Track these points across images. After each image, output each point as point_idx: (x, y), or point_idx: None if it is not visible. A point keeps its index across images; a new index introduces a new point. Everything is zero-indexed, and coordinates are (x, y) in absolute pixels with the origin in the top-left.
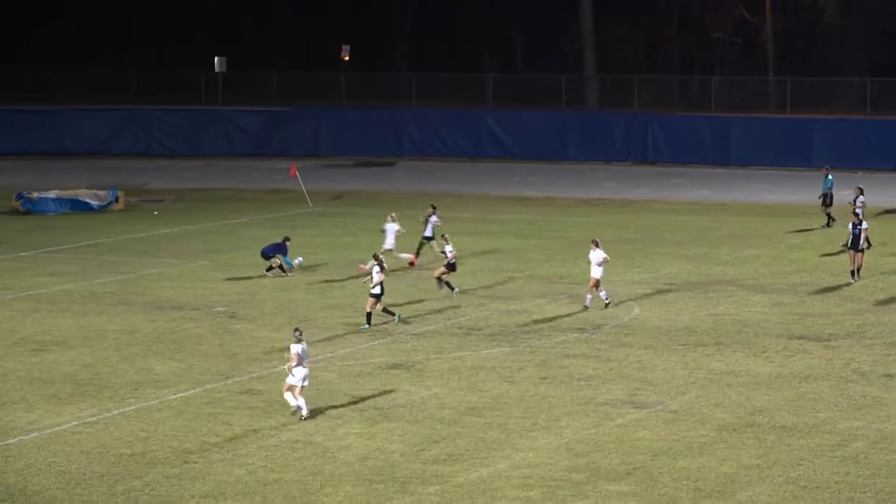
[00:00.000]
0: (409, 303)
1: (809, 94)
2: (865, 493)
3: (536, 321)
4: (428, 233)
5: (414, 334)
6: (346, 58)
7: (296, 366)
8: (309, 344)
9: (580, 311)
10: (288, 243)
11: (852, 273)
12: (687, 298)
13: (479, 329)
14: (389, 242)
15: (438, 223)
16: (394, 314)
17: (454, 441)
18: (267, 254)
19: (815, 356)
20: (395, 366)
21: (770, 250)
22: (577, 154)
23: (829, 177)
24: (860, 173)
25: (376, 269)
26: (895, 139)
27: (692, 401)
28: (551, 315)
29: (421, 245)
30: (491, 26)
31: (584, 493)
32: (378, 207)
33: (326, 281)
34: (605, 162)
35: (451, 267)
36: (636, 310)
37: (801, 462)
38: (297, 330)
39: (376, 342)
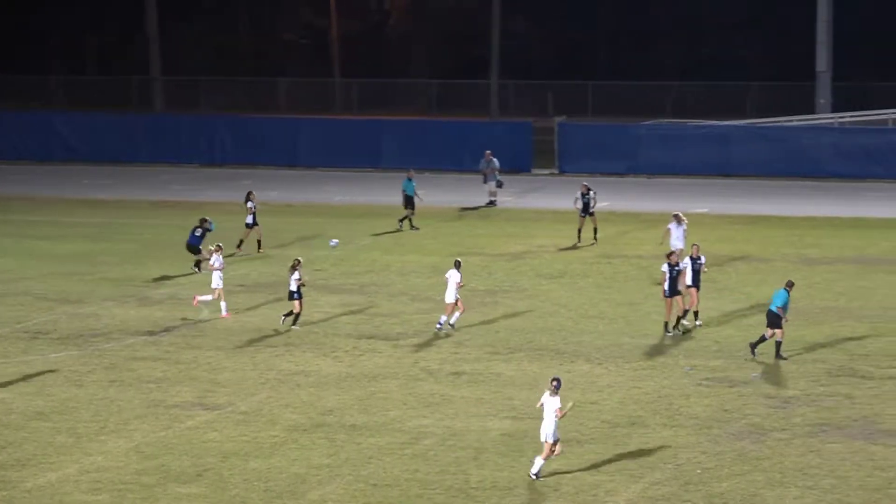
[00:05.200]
0: None
1: (376, 95)
2: (435, 489)
3: (105, 324)
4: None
5: None
6: None
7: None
8: None
9: (148, 314)
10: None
11: (677, 319)
12: (258, 299)
13: (47, 333)
14: None
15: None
16: None
17: (21, 446)
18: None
19: (385, 355)
20: None
21: (338, 251)
22: (146, 156)
23: (413, 181)
24: (427, 174)
25: None
26: (460, 140)
27: (262, 402)
28: (120, 318)
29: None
30: (61, 29)
31: (154, 496)
32: None
33: None
34: (173, 164)
35: None
36: (205, 312)
37: (371, 460)
38: (555, 380)
39: None
